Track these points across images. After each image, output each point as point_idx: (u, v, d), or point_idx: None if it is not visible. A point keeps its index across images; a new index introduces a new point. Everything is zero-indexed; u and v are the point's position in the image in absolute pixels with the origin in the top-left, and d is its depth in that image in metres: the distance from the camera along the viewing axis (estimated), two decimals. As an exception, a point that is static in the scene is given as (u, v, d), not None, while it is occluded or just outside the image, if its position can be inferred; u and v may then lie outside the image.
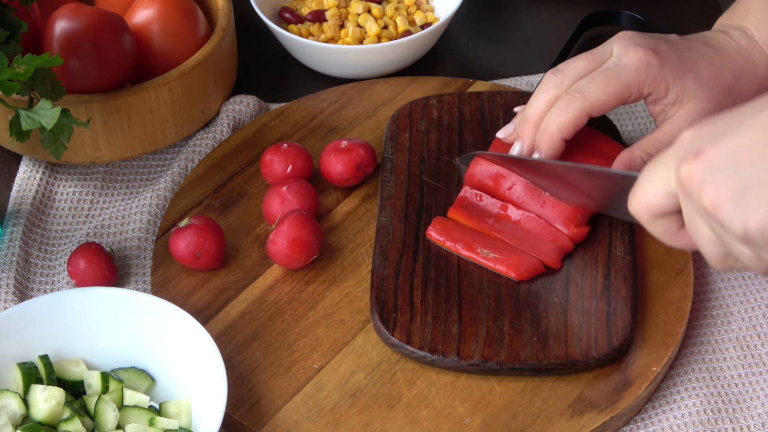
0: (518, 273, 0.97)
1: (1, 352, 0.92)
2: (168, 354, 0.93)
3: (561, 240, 0.98)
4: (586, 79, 0.95)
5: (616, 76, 0.95)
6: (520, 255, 0.98)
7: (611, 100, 0.95)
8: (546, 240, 0.98)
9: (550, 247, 0.98)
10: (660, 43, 0.96)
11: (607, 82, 0.95)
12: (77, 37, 1.05)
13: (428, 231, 1.00)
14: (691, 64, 0.96)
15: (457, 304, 0.96)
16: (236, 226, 1.05)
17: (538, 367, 0.92)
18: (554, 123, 0.96)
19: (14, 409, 0.89)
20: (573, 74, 0.97)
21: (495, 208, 1.01)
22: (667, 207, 0.77)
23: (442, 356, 0.92)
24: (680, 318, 0.96)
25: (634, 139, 1.14)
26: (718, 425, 0.92)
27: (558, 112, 0.96)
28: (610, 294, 0.96)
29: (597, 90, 0.95)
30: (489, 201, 1.01)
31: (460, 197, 1.02)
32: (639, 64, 0.95)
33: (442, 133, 1.09)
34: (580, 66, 0.97)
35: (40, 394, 0.89)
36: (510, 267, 0.97)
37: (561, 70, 0.98)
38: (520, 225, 1.00)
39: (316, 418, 0.91)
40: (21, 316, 0.93)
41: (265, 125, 1.14)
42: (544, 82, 0.98)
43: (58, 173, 1.12)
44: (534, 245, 0.98)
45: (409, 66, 1.22)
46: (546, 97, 0.97)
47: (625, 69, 0.95)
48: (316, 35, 1.22)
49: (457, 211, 1.01)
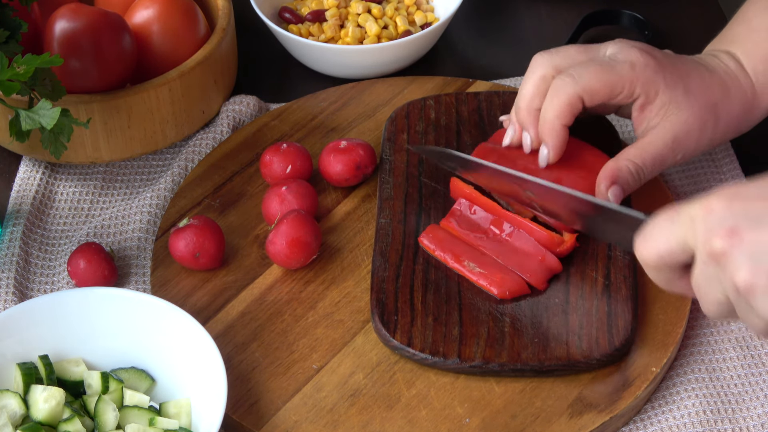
0: (501, 291, 0.96)
1: (1, 352, 0.92)
2: (168, 354, 0.93)
3: (549, 261, 0.97)
4: (580, 65, 0.95)
5: (612, 67, 0.95)
6: (506, 273, 0.97)
7: (603, 89, 0.95)
8: (534, 259, 0.98)
9: (537, 266, 0.97)
10: (656, 51, 0.97)
11: (602, 70, 0.95)
12: (77, 37, 1.05)
13: (420, 238, 1.00)
14: (683, 76, 0.96)
15: (458, 306, 0.96)
16: (236, 226, 1.05)
17: (539, 368, 0.92)
18: (550, 111, 0.95)
19: (14, 409, 0.89)
20: (562, 57, 0.97)
21: (486, 223, 1.00)
22: (678, 261, 0.79)
23: (444, 358, 0.92)
24: (680, 318, 0.96)
25: (634, 140, 1.14)
26: (718, 426, 0.92)
27: (551, 99, 0.95)
28: (611, 294, 0.96)
29: (590, 76, 0.94)
30: (481, 215, 1.01)
31: (453, 209, 1.02)
32: (636, 62, 0.95)
33: (440, 134, 1.09)
34: (571, 51, 0.97)
35: (40, 394, 0.89)
36: (493, 284, 0.96)
37: (549, 51, 0.97)
38: (510, 242, 0.99)
39: (315, 419, 0.91)
40: (21, 316, 0.93)
41: (265, 125, 1.14)
42: (532, 64, 0.97)
43: (58, 173, 1.12)
44: (521, 263, 0.97)
45: (409, 66, 1.22)
46: (534, 78, 0.97)
47: (621, 63, 0.95)
48: (316, 35, 1.22)
49: (448, 223, 1.01)
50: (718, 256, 0.74)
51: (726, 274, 0.74)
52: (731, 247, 0.73)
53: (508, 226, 0.99)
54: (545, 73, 0.97)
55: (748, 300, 0.73)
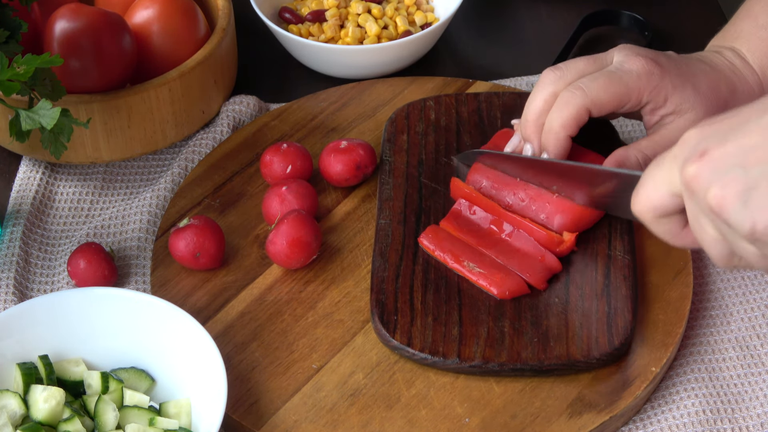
0: (500, 291, 0.96)
1: (1, 352, 0.92)
2: (168, 354, 0.93)
3: (549, 260, 0.98)
4: (588, 78, 0.96)
5: (619, 78, 0.96)
6: (505, 273, 0.97)
7: (611, 101, 0.95)
8: (534, 259, 0.98)
9: (537, 266, 0.97)
10: (660, 56, 0.98)
11: (609, 82, 0.95)
12: (77, 37, 1.05)
13: (420, 238, 1.00)
14: (689, 77, 0.96)
15: (458, 306, 0.96)
16: (236, 226, 1.05)
17: (539, 367, 0.92)
18: (557, 121, 0.96)
19: (14, 409, 0.89)
20: (572, 72, 0.97)
21: (486, 223, 1.00)
22: (670, 207, 0.78)
23: (443, 358, 0.93)
24: (679, 318, 0.96)
25: (633, 141, 1.14)
26: (717, 425, 0.92)
27: (559, 110, 0.96)
28: (610, 294, 0.96)
29: (599, 88, 0.95)
30: (481, 215, 1.01)
31: (453, 209, 1.02)
32: (641, 72, 0.95)
33: (440, 135, 1.09)
34: (580, 65, 0.98)
35: (40, 394, 0.89)
36: (493, 284, 0.96)
37: (559, 68, 0.98)
38: (510, 242, 0.99)
39: (315, 418, 0.91)
40: (21, 316, 0.93)
41: (265, 125, 1.14)
42: (542, 80, 0.98)
43: (58, 173, 1.12)
44: (521, 263, 0.97)
45: (409, 66, 1.22)
46: (544, 94, 0.98)
47: (627, 74, 0.96)
48: (316, 35, 1.22)
49: (448, 223, 1.01)
50: (691, 182, 0.73)
51: (701, 199, 0.73)
52: (700, 168, 0.72)
53: (508, 226, 0.99)
54: (555, 90, 0.97)
55: (724, 219, 0.71)
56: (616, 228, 1.01)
